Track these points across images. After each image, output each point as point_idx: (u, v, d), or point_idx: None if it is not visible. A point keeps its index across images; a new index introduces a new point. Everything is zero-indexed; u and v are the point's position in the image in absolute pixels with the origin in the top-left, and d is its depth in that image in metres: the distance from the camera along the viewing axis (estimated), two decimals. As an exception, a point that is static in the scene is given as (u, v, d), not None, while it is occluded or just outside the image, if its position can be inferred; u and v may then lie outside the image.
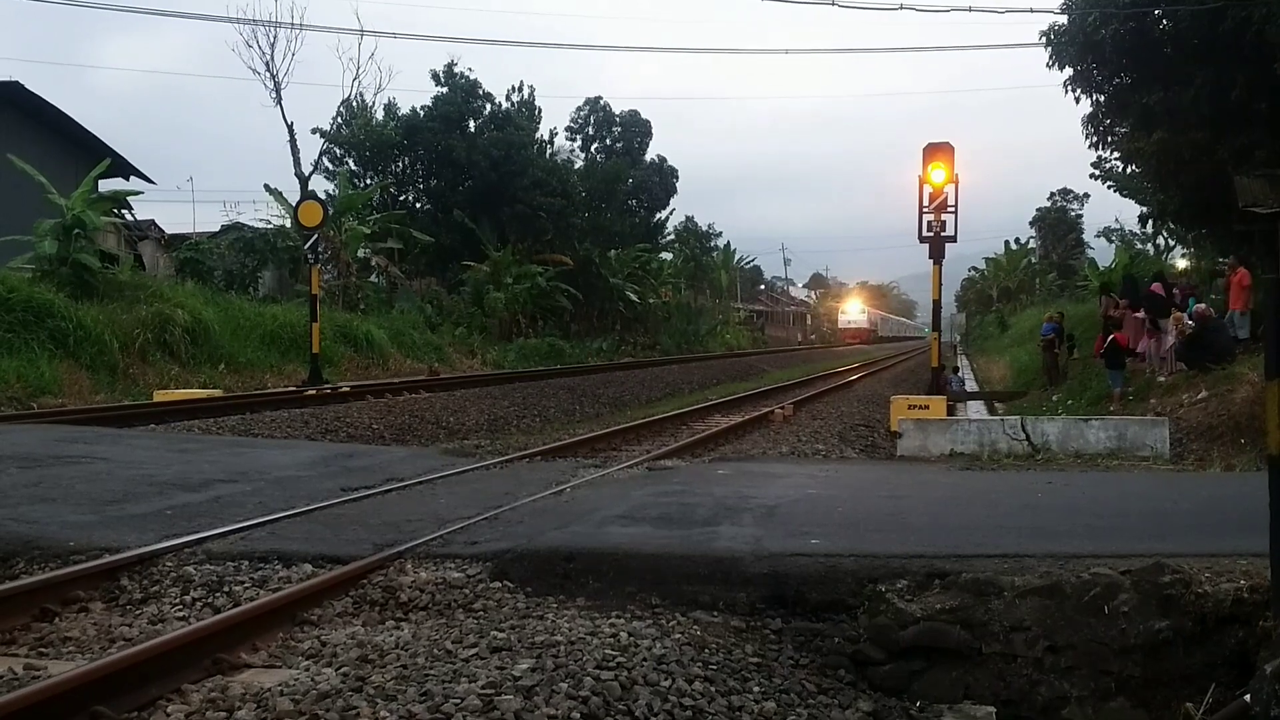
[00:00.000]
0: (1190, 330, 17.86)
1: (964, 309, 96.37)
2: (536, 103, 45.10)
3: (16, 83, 29.93)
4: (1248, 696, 4.37)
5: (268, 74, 33.64)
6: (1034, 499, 7.83)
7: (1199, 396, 15.92)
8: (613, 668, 4.23)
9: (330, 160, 39.85)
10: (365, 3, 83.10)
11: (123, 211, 28.01)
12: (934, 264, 17.47)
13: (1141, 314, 21.39)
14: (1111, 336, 19.42)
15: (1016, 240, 76.24)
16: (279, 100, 33.90)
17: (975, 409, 23.21)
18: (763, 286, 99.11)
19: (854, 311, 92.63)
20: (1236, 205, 21.82)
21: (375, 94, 43.44)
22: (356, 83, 42.15)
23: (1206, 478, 10.26)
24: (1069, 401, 20.74)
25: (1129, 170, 30.51)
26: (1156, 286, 22.93)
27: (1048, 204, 71.86)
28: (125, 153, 31.43)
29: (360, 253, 33.70)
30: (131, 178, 31.43)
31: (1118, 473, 10.28)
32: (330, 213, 27.27)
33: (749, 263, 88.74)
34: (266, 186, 31.67)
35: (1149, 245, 46.91)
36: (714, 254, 71.88)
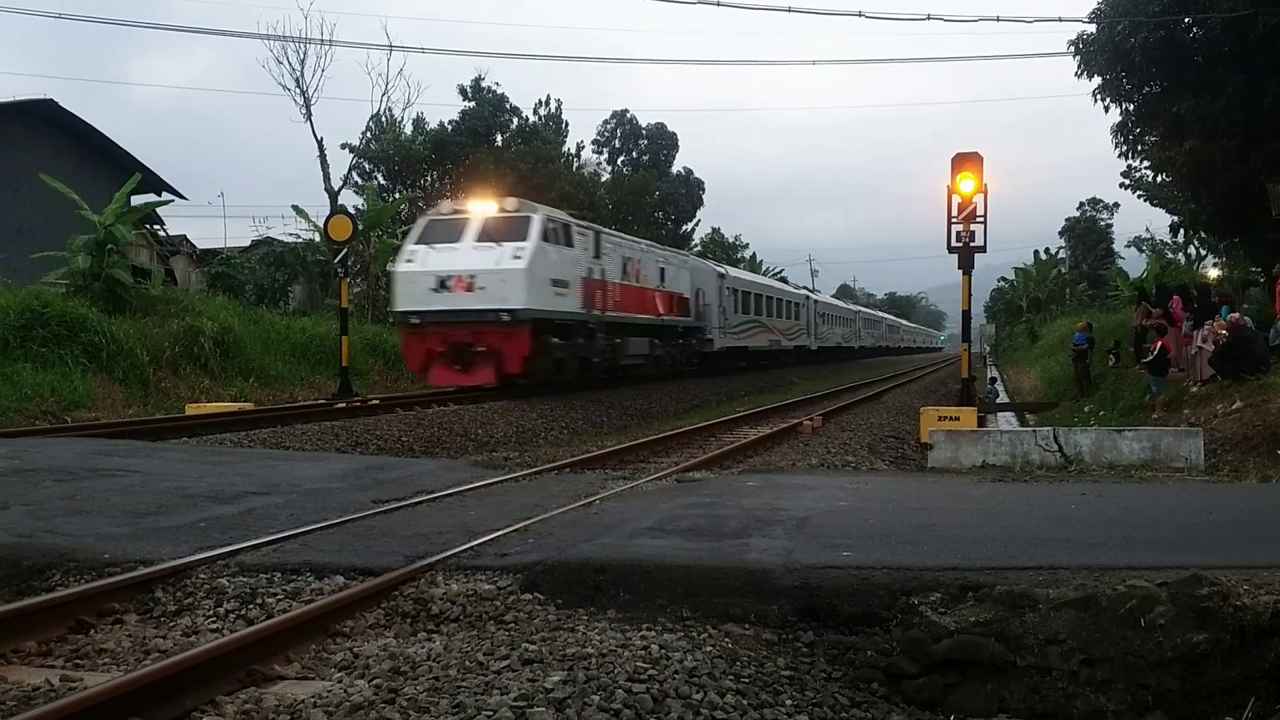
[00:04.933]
0: (1224, 339, 17.68)
1: (993, 319, 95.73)
2: (564, 116, 45.43)
3: (50, 100, 30.43)
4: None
5: (298, 90, 34.05)
6: (1068, 511, 7.75)
7: (1233, 407, 15.74)
8: (644, 680, 4.22)
9: (359, 175, 40.24)
10: (394, 19, 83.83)
11: (154, 227, 28.38)
12: (963, 274, 17.40)
13: (1185, 320, 21.26)
14: (1160, 343, 19.23)
15: (1046, 250, 75.73)
16: (309, 116, 34.29)
17: (1006, 420, 23.07)
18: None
19: (467, 242, 19.77)
20: (1270, 214, 21.61)
21: (404, 109, 44.03)
22: (385, 98, 42.67)
23: (1242, 489, 10.12)
24: (1101, 412, 20.56)
25: (1159, 179, 30.31)
26: (1176, 301, 22.78)
27: (1077, 214, 71.45)
28: (157, 169, 31.97)
29: (389, 266, 33.91)
30: (163, 193, 31.86)
31: (1152, 484, 10.18)
32: (359, 227, 27.45)
33: (776, 274, 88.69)
34: (295, 207, 31.90)
35: (1180, 255, 46.52)
36: (740, 265, 71.87)
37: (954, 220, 16.93)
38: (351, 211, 27.30)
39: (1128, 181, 36.57)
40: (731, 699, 4.27)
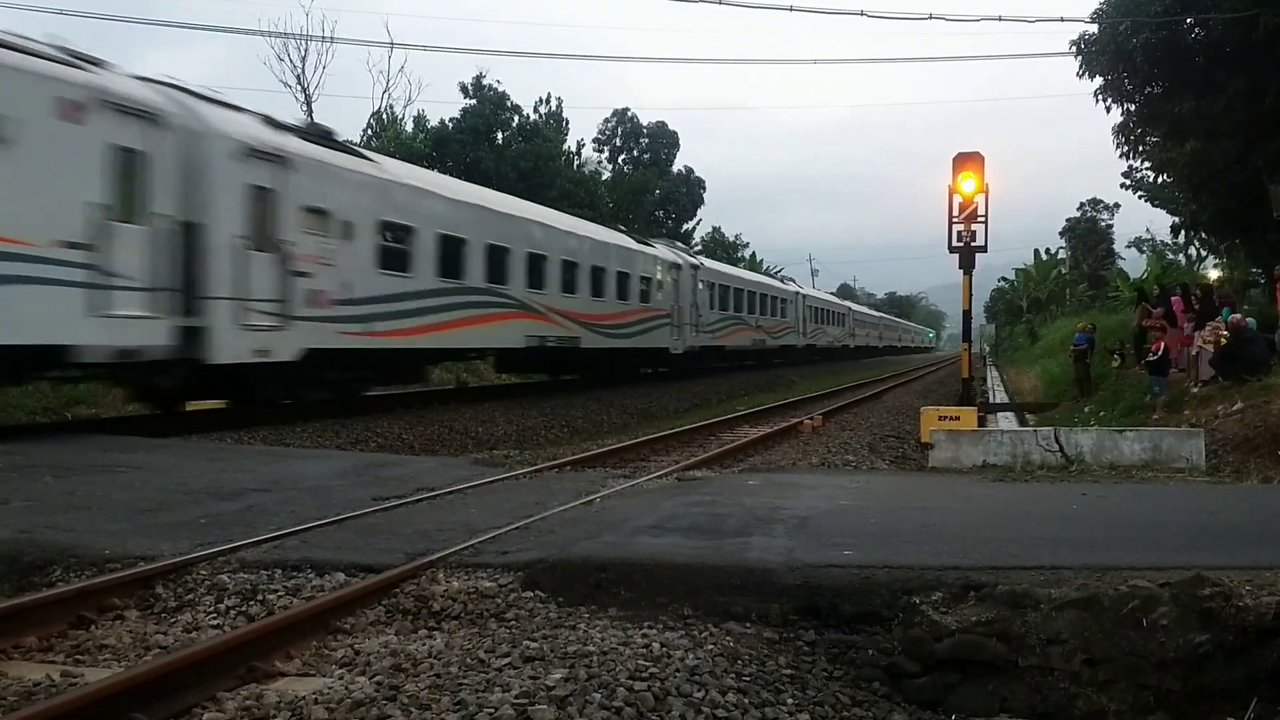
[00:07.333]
0: (1225, 340, 17.65)
1: (993, 320, 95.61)
2: (564, 114, 45.38)
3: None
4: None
5: (299, 87, 34.08)
6: (1069, 510, 7.75)
7: (1234, 408, 15.72)
8: (646, 678, 4.21)
9: (360, 172, 40.10)
10: (395, 16, 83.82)
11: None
12: (964, 274, 17.38)
13: (1184, 321, 21.23)
14: (1163, 345, 19.20)
15: (1047, 250, 75.64)
16: (310, 113, 34.32)
17: (1006, 420, 23.05)
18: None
19: None
20: (1270, 214, 21.60)
21: (405, 106, 43.96)
22: (386, 95, 42.57)
23: (1244, 489, 10.12)
24: (1101, 413, 20.54)
25: (1160, 180, 30.32)
26: (1176, 300, 22.77)
27: (1078, 214, 71.37)
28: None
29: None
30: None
31: (1153, 484, 10.16)
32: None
33: (776, 273, 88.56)
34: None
35: (1181, 255, 46.53)
36: (741, 265, 71.81)
37: (955, 220, 16.91)
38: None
39: (1129, 182, 36.63)
40: (733, 697, 4.27)
